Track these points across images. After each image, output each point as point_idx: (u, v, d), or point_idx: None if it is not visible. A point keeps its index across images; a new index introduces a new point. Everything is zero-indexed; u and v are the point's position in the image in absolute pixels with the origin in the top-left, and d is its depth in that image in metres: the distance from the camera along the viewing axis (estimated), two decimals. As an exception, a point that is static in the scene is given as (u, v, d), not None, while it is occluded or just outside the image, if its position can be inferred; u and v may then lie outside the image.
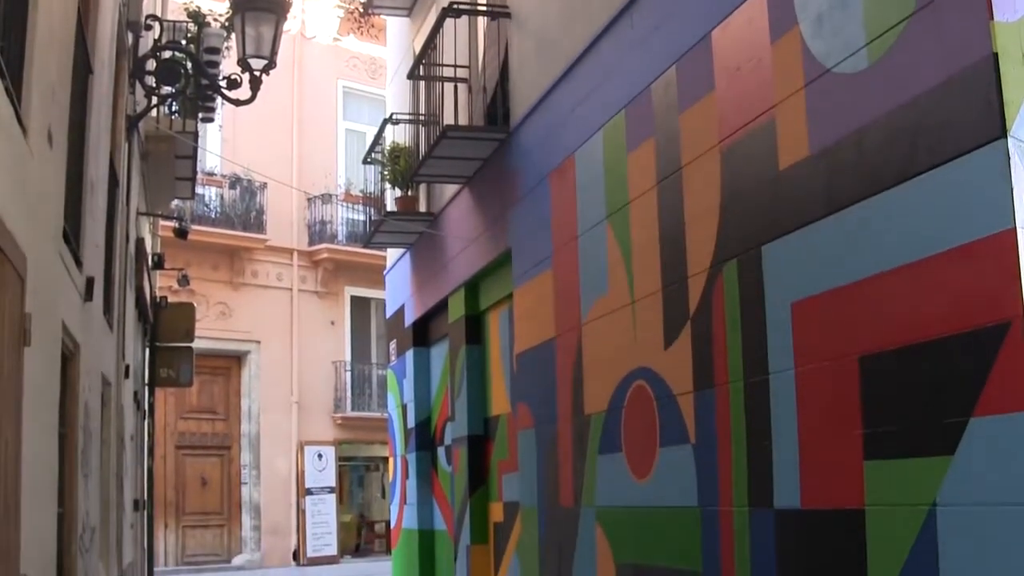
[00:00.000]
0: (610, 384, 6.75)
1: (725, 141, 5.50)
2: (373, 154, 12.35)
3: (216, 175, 20.47)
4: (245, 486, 20.70)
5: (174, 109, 10.35)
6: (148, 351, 13.39)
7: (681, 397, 5.87)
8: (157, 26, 9.62)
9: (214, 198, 20.47)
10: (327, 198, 21.77)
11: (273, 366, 20.94)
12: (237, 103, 8.89)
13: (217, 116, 12.04)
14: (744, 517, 5.20)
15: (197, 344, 14.05)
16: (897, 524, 4.12)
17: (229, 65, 9.02)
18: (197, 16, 9.97)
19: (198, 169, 12.79)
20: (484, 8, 9.74)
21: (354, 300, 22.31)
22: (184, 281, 15.49)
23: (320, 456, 21.16)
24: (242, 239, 20.54)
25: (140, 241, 11.04)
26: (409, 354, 12.56)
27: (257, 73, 8.41)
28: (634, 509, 6.42)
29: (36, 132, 4.04)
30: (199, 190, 17.08)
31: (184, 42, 9.71)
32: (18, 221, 3.63)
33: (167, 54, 9.42)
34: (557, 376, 7.64)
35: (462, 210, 10.39)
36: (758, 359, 5.12)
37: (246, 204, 20.76)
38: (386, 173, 11.92)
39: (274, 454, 20.80)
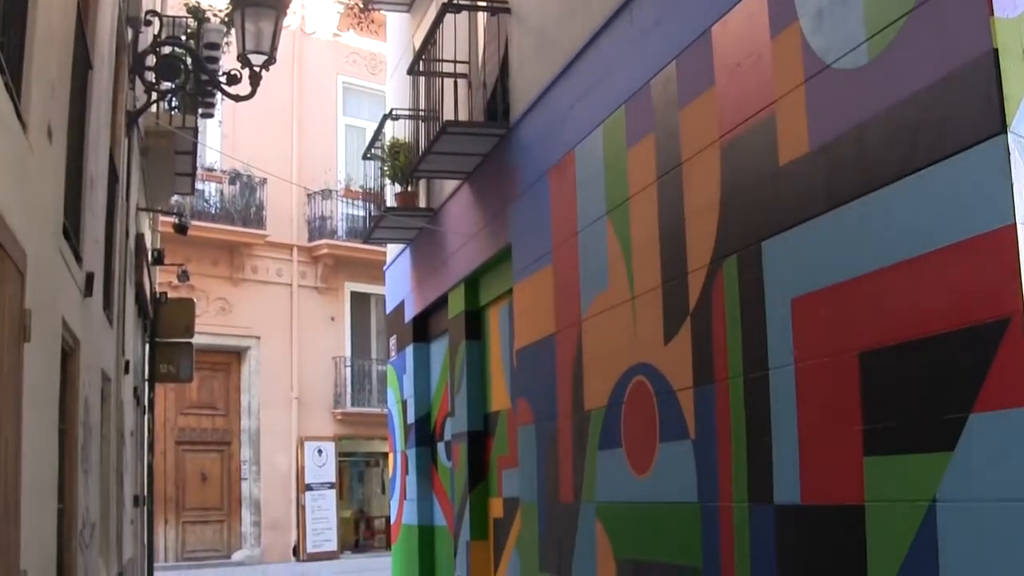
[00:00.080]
0: (610, 380, 6.75)
1: (725, 137, 5.49)
2: (373, 150, 12.34)
3: (216, 171, 20.46)
4: (245, 482, 20.72)
5: (174, 105, 10.34)
6: (148, 347, 13.39)
7: (681, 393, 5.87)
8: (157, 22, 9.60)
9: (214, 194, 20.46)
10: (327, 194, 21.76)
11: (273, 362, 20.95)
12: (237, 99, 8.89)
13: (217, 112, 12.02)
14: (744, 513, 5.20)
15: (197, 340, 14.04)
16: (897, 520, 4.12)
17: (229, 61, 9.01)
18: (197, 12, 9.96)
19: (198, 165, 12.78)
20: (484, 4, 9.72)
21: (354, 296, 22.32)
22: (184, 277, 15.49)
23: (320, 452, 21.17)
24: (242, 235, 20.53)
25: (140, 237, 11.03)
26: (409, 350, 12.56)
27: (257, 69, 8.41)
28: (634, 505, 6.42)
29: (36, 128, 4.04)
30: (199, 186, 17.07)
31: (184, 38, 9.70)
32: (18, 217, 3.63)
33: (167, 50, 9.40)
34: (557, 372, 7.64)
35: (462, 206, 10.38)
36: (758, 355, 5.12)
37: (246, 200, 20.75)
38: (386, 169, 11.92)
39: (274, 450, 20.81)
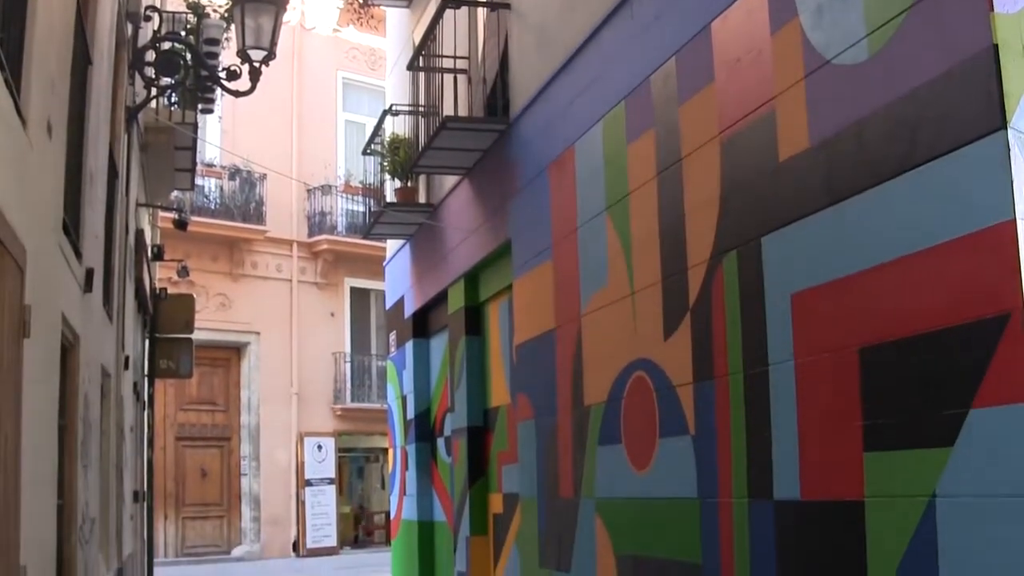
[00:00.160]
0: (610, 375, 6.76)
1: (725, 132, 5.49)
2: (373, 145, 12.34)
3: (216, 166, 20.46)
4: (245, 477, 20.73)
5: (173, 100, 10.34)
6: (148, 342, 13.39)
7: (681, 388, 5.88)
8: (156, 17, 9.59)
9: (213, 189, 20.47)
10: (327, 189, 21.77)
11: (273, 357, 20.96)
12: (236, 94, 8.89)
13: (216, 107, 12.02)
14: (744, 508, 5.21)
15: (197, 335, 14.05)
16: (896, 516, 4.12)
17: (229, 56, 9.01)
18: (196, 7, 9.96)
19: (197, 160, 12.78)
20: (484, -1, 9.72)
21: (354, 291, 22.32)
22: (184, 272, 15.50)
23: (320, 447, 21.18)
24: (242, 230, 20.54)
25: (140, 232, 11.04)
26: (409, 345, 12.56)
27: (257, 64, 8.40)
28: (634, 500, 6.43)
29: (35, 123, 4.04)
30: (198, 181, 17.07)
31: (183, 33, 9.69)
32: (17, 212, 3.63)
33: (166, 45, 9.41)
34: (557, 367, 7.64)
35: (462, 201, 10.38)
36: (758, 350, 5.12)
37: (246, 195, 20.75)
38: (386, 164, 11.91)
39: (274, 445, 20.82)
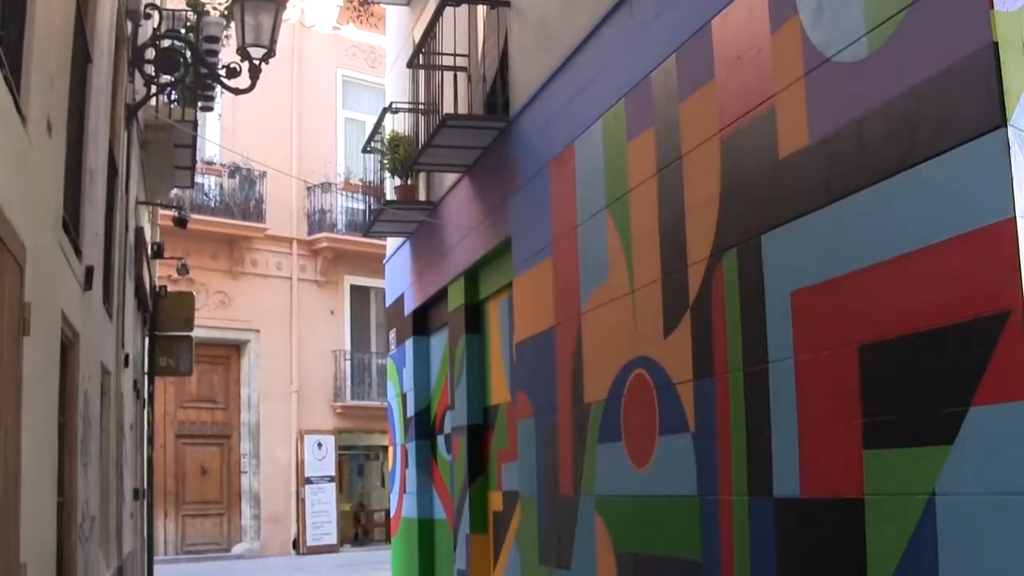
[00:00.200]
0: (610, 373, 6.76)
1: (725, 130, 5.49)
2: (373, 143, 12.33)
3: (215, 164, 20.45)
4: (245, 475, 20.74)
5: (173, 98, 10.34)
6: (148, 340, 13.40)
7: (681, 386, 5.88)
8: (156, 15, 9.59)
9: (213, 187, 20.46)
10: (327, 187, 21.76)
11: (273, 355, 20.96)
12: (236, 92, 8.89)
13: (216, 105, 12.02)
14: (743, 506, 5.21)
15: (196, 333, 14.06)
16: (896, 513, 4.12)
17: (228, 54, 9.01)
18: (196, 5, 9.95)
19: (197, 158, 12.76)
20: (484, -4, 9.71)
21: (354, 289, 22.32)
22: (183, 270, 15.50)
23: (320, 445, 21.19)
24: (241, 228, 20.54)
25: (139, 230, 11.03)
26: (409, 343, 12.56)
27: (256, 62, 8.41)
28: (634, 498, 6.43)
29: (35, 121, 4.04)
30: (198, 179, 17.06)
31: (183, 31, 9.69)
32: (17, 210, 3.63)
33: (166, 43, 9.40)
34: (557, 365, 7.64)
35: (462, 199, 10.37)
36: (758, 348, 5.12)
37: (245, 193, 20.75)
38: (386, 162, 11.91)
39: (274, 443, 20.83)
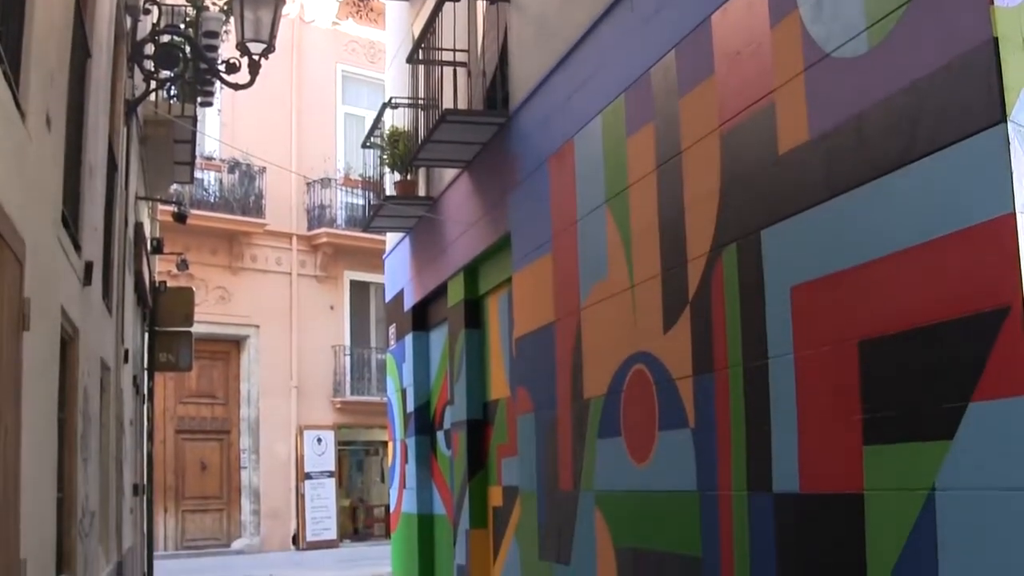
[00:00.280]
0: (609, 368, 6.76)
1: (725, 125, 5.49)
2: (372, 138, 12.33)
3: (215, 159, 20.43)
4: (244, 470, 20.75)
5: (173, 93, 10.33)
6: (147, 335, 13.39)
7: (680, 381, 5.88)
8: (155, 10, 9.58)
9: (213, 182, 20.44)
10: (326, 182, 21.74)
11: (272, 350, 20.96)
12: (236, 87, 8.88)
13: (216, 100, 12.02)
14: (743, 501, 5.21)
15: (196, 329, 14.06)
16: (896, 509, 4.13)
17: (228, 49, 9.00)
18: (195, 0, 9.94)
19: (197, 153, 12.75)
20: (483, -9, 9.70)
21: (353, 284, 22.31)
22: (183, 266, 15.48)
23: (319, 440, 21.20)
24: (241, 223, 20.52)
25: (139, 225, 11.02)
26: (408, 338, 12.56)
27: (256, 57, 8.40)
28: (633, 493, 6.43)
29: (34, 116, 4.03)
30: (198, 174, 17.04)
31: (183, 26, 9.68)
32: (16, 205, 3.62)
33: (165, 38, 9.38)
34: (556, 360, 7.64)
35: (461, 194, 10.37)
36: (757, 343, 5.12)
37: (245, 188, 20.73)
38: (385, 157, 11.90)
39: (273, 438, 20.83)
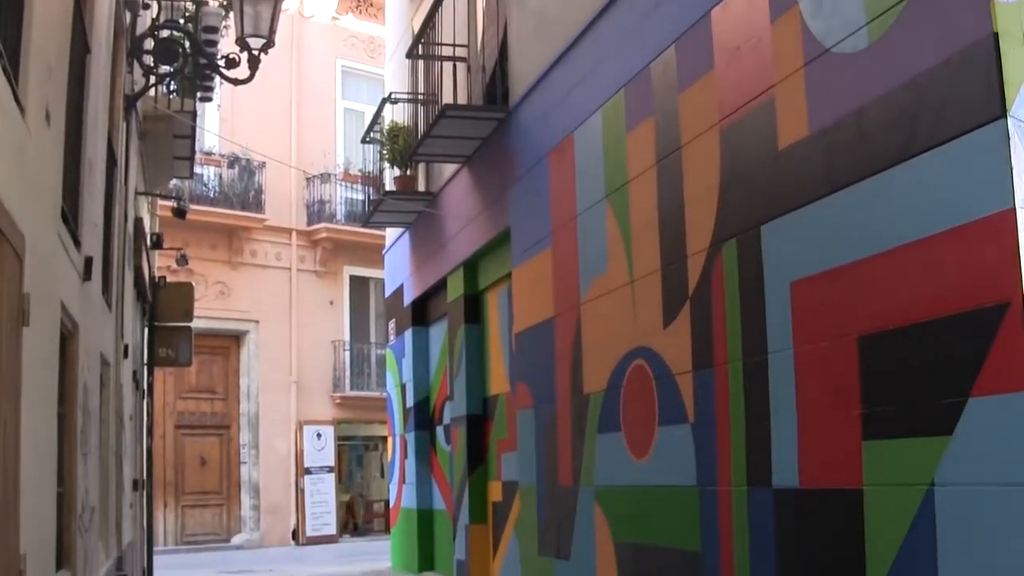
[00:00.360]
0: (609, 363, 6.76)
1: (724, 121, 5.49)
2: (372, 133, 12.33)
3: (214, 155, 20.40)
4: (244, 466, 20.74)
5: (172, 88, 10.30)
6: (147, 331, 13.38)
7: (680, 376, 5.88)
8: (155, 5, 9.57)
9: (212, 178, 20.41)
10: (326, 177, 21.72)
11: (272, 346, 20.95)
12: (235, 82, 8.86)
13: (215, 95, 11.98)
14: (743, 496, 5.22)
15: (196, 324, 14.03)
16: (895, 504, 4.13)
17: (227, 44, 8.98)
18: (195, -5, 9.93)
19: (196, 149, 12.73)
20: (483, -13, 9.70)
21: (353, 279, 22.29)
22: (183, 261, 15.46)
23: (319, 435, 21.19)
24: (241, 219, 20.49)
25: (139, 221, 11.02)
26: (408, 333, 12.56)
27: (255, 52, 8.38)
28: (633, 488, 6.44)
29: (34, 111, 4.03)
30: (197, 170, 17.01)
31: (182, 21, 9.66)
32: (16, 201, 3.62)
33: (165, 33, 9.37)
34: (556, 355, 7.64)
35: (461, 189, 10.37)
36: (757, 339, 5.12)
37: (244, 184, 20.70)
38: (385, 152, 11.91)
39: (273, 434, 20.83)
